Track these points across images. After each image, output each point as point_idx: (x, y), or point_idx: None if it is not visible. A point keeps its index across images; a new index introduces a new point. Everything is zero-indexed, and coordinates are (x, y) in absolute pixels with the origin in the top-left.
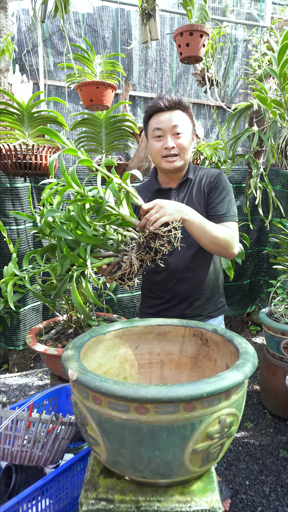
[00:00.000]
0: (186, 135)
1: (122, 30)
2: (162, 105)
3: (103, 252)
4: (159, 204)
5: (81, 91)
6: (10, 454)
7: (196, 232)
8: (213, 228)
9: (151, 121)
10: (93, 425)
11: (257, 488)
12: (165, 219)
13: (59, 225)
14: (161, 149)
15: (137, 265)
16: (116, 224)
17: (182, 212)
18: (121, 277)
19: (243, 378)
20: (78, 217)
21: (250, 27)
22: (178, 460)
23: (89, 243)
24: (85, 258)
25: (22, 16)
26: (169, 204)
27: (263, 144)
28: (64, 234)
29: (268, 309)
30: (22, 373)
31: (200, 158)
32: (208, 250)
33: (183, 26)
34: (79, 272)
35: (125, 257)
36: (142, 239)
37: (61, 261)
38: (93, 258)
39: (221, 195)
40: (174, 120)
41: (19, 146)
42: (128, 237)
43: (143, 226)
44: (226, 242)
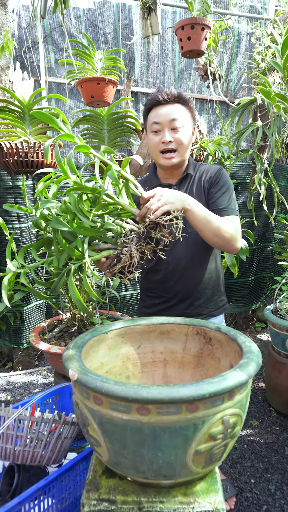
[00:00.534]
0: (185, 129)
1: (124, 25)
2: (161, 99)
3: (102, 244)
4: (160, 192)
5: (82, 88)
6: (13, 453)
7: (198, 224)
8: (216, 220)
9: (150, 114)
10: (94, 426)
11: (263, 486)
12: (167, 208)
13: (54, 217)
14: (159, 143)
15: (137, 257)
16: (114, 214)
17: (184, 201)
18: (121, 270)
19: (246, 378)
20: (75, 208)
21: (253, 20)
22: (180, 461)
23: (86, 235)
24: (82, 250)
25: (22, 12)
26: (171, 192)
27: (267, 139)
28: (60, 225)
29: (273, 306)
30: (27, 371)
31: (203, 154)
32: (211, 243)
33: (184, 20)
34: (76, 266)
35: (125, 249)
36: (143, 228)
37: (57, 255)
38: (91, 251)
39: (222, 189)
40: (172, 114)
41: (21, 144)
42: (128, 229)
43: (144, 216)
44: (230, 235)
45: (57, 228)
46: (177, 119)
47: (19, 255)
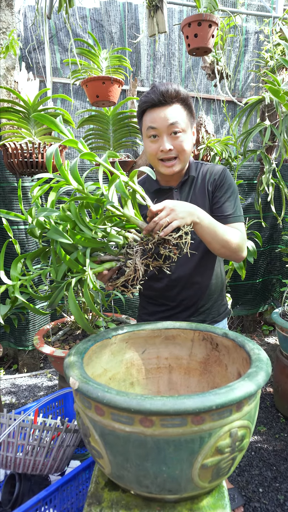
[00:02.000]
0: (185, 134)
1: (130, 25)
2: (156, 100)
3: (103, 256)
4: (170, 207)
5: (87, 87)
6: (13, 462)
7: (207, 236)
8: (224, 231)
9: (145, 117)
10: (96, 437)
11: (271, 496)
12: (177, 224)
13: (53, 226)
14: (157, 151)
15: (142, 271)
16: (119, 226)
17: (193, 215)
18: (124, 283)
19: (255, 388)
20: (76, 218)
21: (261, 19)
22: (186, 476)
23: (88, 246)
24: (83, 263)
25: (29, 13)
26: (180, 206)
27: (275, 139)
28: (59, 236)
29: (281, 309)
30: (32, 374)
31: (210, 154)
32: (218, 254)
33: (191, 16)
34: (77, 279)
35: (129, 262)
36: (150, 245)
37: (55, 266)
38: (92, 263)
39: (227, 193)
40: (170, 118)
41: (26, 145)
42: (131, 239)
43: (151, 230)
44: (237, 246)
45: (56, 239)
46: (176, 123)
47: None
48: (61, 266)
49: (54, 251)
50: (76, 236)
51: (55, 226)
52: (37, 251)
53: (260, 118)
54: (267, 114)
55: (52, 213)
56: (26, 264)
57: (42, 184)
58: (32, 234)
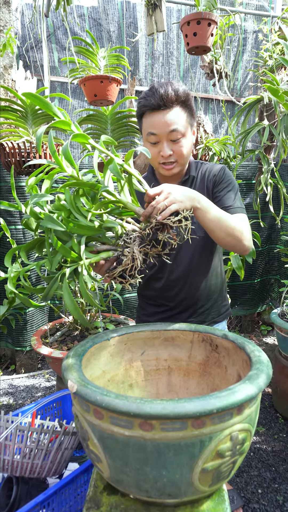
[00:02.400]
0: (185, 139)
1: (128, 24)
2: (155, 105)
3: (100, 245)
4: (168, 189)
5: (85, 86)
6: (11, 465)
7: (209, 223)
8: (228, 218)
9: (144, 121)
10: (94, 441)
11: (270, 497)
12: (175, 207)
13: (47, 214)
14: (157, 155)
15: (140, 259)
16: (115, 213)
17: (193, 199)
18: (121, 274)
19: (256, 391)
20: (71, 206)
21: (259, 18)
22: (186, 480)
23: (83, 234)
24: (79, 252)
25: (26, 11)
26: (179, 189)
27: (274, 139)
28: (53, 224)
29: (280, 309)
30: (29, 374)
31: (208, 154)
32: (222, 243)
33: (190, 15)
34: (72, 269)
35: (127, 250)
36: (148, 230)
37: (50, 257)
38: (88, 253)
39: (227, 188)
40: (170, 124)
41: (23, 144)
42: (129, 229)
43: (149, 215)
44: (242, 233)
45: (50, 227)
46: (176, 130)
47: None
48: (56, 256)
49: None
50: (70, 224)
51: (49, 215)
52: (32, 242)
53: (258, 118)
54: (265, 113)
55: (45, 198)
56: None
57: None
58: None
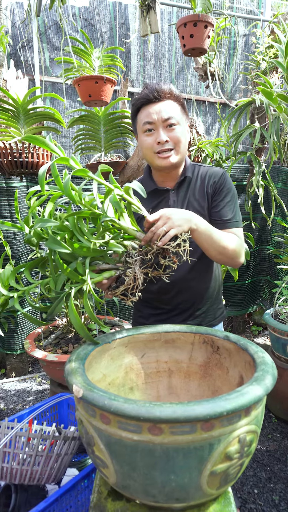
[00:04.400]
0: (180, 127)
1: (120, 25)
2: (151, 96)
3: (102, 265)
4: (166, 215)
5: (79, 86)
6: (10, 472)
7: (203, 243)
8: (221, 238)
9: (140, 114)
10: (100, 446)
11: (266, 497)
12: (174, 232)
13: (51, 235)
14: (153, 144)
15: (141, 279)
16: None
17: (190, 221)
18: (123, 292)
19: (264, 392)
20: (74, 229)
21: (249, 22)
22: (194, 484)
23: (88, 255)
24: (83, 273)
25: (16, 9)
26: (176, 213)
27: (265, 141)
28: (57, 247)
29: (273, 310)
30: (20, 378)
31: (201, 156)
32: (215, 260)
33: (187, 16)
34: (76, 290)
35: (129, 271)
36: (150, 255)
37: (54, 277)
38: (91, 272)
39: (227, 198)
40: (165, 112)
41: (15, 144)
42: (129, 247)
43: (149, 241)
44: (235, 252)
45: (55, 249)
46: (171, 117)
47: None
48: (60, 276)
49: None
50: (75, 245)
51: (53, 236)
52: (35, 261)
53: (250, 121)
54: (256, 116)
55: (49, 223)
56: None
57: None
58: (30, 242)
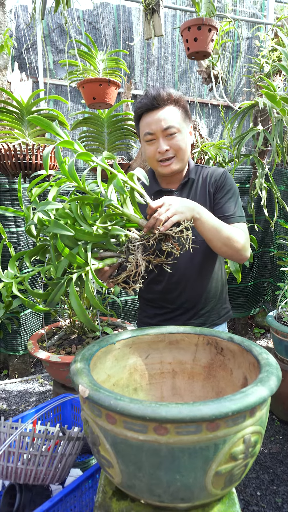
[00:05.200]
0: (181, 134)
1: (123, 28)
2: (150, 105)
3: (104, 252)
4: (169, 202)
5: (83, 89)
6: (14, 472)
7: (207, 233)
8: (226, 229)
9: (141, 123)
10: (106, 446)
11: (269, 499)
12: (177, 218)
13: (53, 221)
14: (155, 153)
15: (143, 266)
16: (119, 225)
17: (193, 210)
18: (125, 280)
19: (269, 393)
20: (76, 215)
21: (252, 25)
22: (199, 484)
23: (90, 240)
24: (85, 258)
25: (21, 12)
26: (179, 201)
27: (268, 144)
28: (60, 229)
29: (275, 312)
30: (23, 379)
31: (204, 158)
32: (220, 253)
33: (191, 20)
34: (78, 275)
35: (131, 257)
36: (152, 241)
37: (55, 263)
38: (93, 259)
39: (228, 195)
40: (165, 121)
41: (19, 146)
42: (132, 237)
43: (152, 227)
44: (240, 244)
45: (57, 232)
46: (171, 126)
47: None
48: (61, 262)
49: (53, 247)
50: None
51: (56, 220)
52: (35, 248)
53: (253, 123)
54: (259, 119)
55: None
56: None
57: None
58: (30, 233)
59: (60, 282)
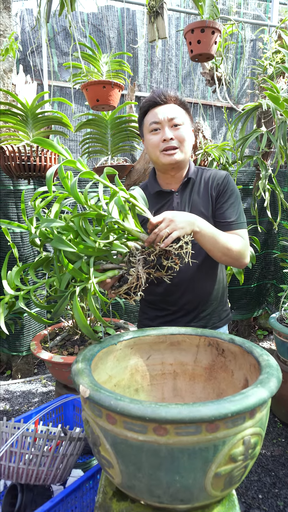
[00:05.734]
0: (185, 127)
1: (128, 30)
2: (158, 100)
3: (106, 264)
4: (169, 218)
5: (87, 91)
6: (16, 472)
7: (207, 245)
8: (225, 239)
9: (147, 116)
10: (106, 446)
11: (271, 502)
12: (177, 234)
13: (56, 235)
14: (159, 142)
15: (144, 279)
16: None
17: (193, 224)
18: (127, 291)
19: (269, 395)
20: (79, 229)
21: (256, 27)
22: (199, 485)
23: (92, 255)
24: (88, 272)
25: (26, 16)
26: (179, 216)
27: (271, 145)
28: (63, 246)
29: (278, 314)
30: (26, 379)
31: (207, 160)
32: (219, 261)
33: (194, 23)
34: (81, 288)
35: (132, 270)
36: (152, 256)
37: (58, 276)
38: (95, 271)
39: (230, 199)
40: (171, 112)
41: (23, 148)
42: (133, 247)
43: (152, 242)
44: (239, 253)
45: (60, 248)
46: (176, 117)
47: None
48: (65, 275)
49: (57, 259)
50: (80, 245)
51: (59, 236)
52: (40, 260)
53: (256, 125)
54: (263, 120)
55: (56, 223)
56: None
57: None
58: (34, 243)
59: (64, 295)
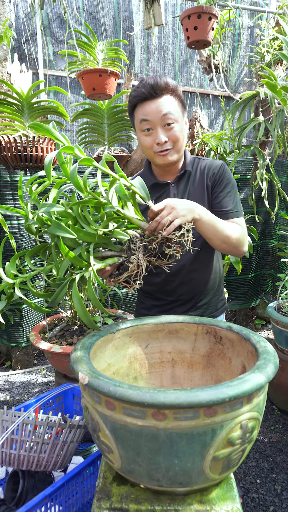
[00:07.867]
0: (178, 124)
1: (124, 17)
2: (147, 94)
3: (105, 252)
4: (171, 205)
5: (83, 80)
6: (17, 459)
7: (207, 232)
8: (224, 227)
9: (137, 111)
10: (106, 432)
11: (269, 487)
12: (179, 222)
13: (54, 221)
14: (152, 144)
15: (144, 266)
16: (121, 227)
17: (194, 211)
18: (126, 279)
19: (266, 380)
20: (78, 216)
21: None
22: (197, 468)
23: (92, 242)
24: (88, 259)
25: (20, 3)
26: (180, 203)
27: (269, 135)
28: (62, 232)
29: (276, 303)
30: (26, 370)
31: (205, 149)
32: (219, 250)
33: (191, 8)
34: (80, 276)
35: (133, 257)
36: (154, 244)
37: (56, 263)
38: (95, 259)
39: (226, 189)
40: (163, 109)
41: (19, 138)
42: (132, 235)
43: (153, 230)
44: (238, 241)
45: (59, 234)
46: (169, 114)
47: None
48: (64, 262)
49: (55, 246)
50: (79, 231)
51: (57, 221)
52: (37, 247)
53: (254, 114)
54: (261, 109)
55: (56, 208)
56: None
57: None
58: (29, 230)
59: (63, 283)
